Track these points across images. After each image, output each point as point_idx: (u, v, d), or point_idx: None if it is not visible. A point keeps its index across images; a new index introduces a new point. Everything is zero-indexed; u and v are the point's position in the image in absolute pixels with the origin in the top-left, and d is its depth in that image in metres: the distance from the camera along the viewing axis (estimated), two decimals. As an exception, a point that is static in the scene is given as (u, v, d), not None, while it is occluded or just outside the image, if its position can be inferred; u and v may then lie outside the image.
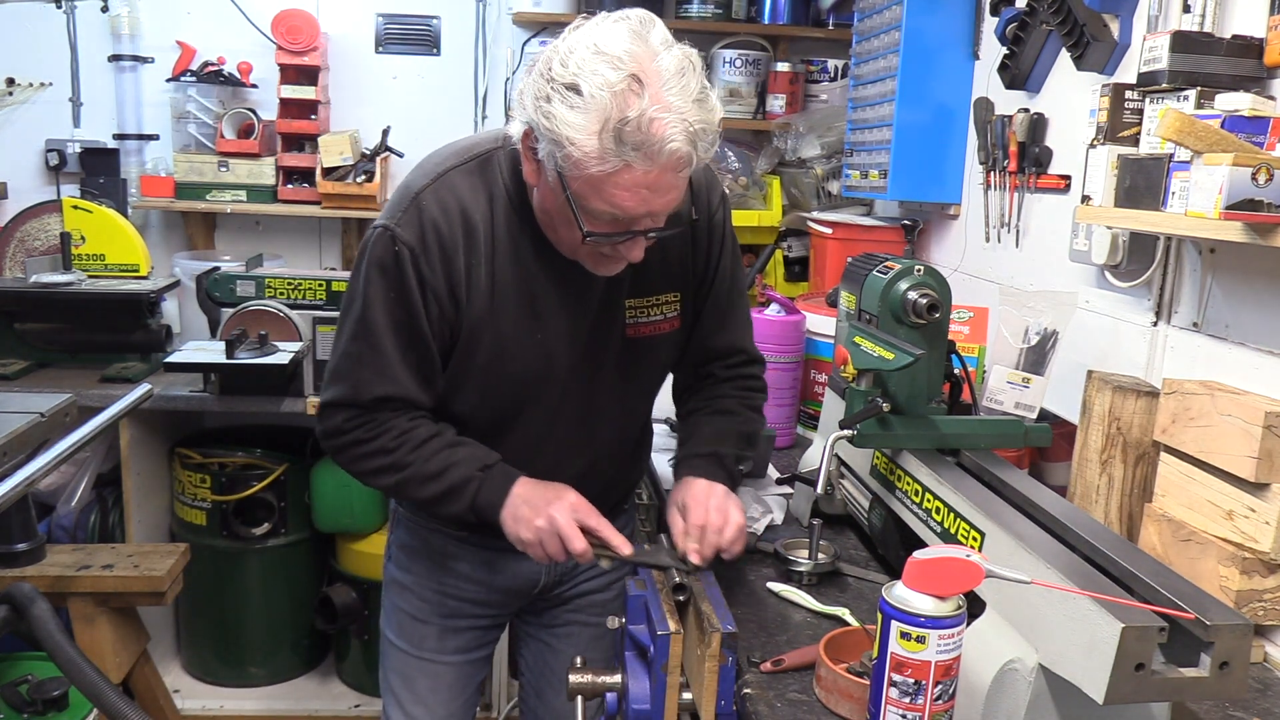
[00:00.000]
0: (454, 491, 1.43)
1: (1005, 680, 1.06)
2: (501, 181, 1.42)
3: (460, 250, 1.39)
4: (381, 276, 1.39)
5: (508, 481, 1.43)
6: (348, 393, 1.44)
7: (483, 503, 1.43)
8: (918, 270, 1.54)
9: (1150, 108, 1.61)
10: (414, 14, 3.37)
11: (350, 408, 1.44)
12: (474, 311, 1.41)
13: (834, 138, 3.01)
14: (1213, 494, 1.40)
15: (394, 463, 1.43)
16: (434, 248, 1.38)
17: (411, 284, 1.39)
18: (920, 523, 1.41)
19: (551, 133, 1.22)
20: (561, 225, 1.34)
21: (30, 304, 2.83)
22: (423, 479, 1.43)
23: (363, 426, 1.44)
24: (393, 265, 1.39)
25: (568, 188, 1.26)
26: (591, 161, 1.21)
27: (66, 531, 2.85)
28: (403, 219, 1.39)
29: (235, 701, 3.06)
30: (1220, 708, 1.23)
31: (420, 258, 1.38)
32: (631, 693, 1.28)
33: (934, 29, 2.41)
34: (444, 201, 1.39)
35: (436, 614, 1.68)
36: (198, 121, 3.26)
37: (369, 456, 1.45)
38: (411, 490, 1.45)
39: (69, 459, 1.85)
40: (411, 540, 1.68)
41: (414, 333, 1.41)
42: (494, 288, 1.42)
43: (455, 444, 1.45)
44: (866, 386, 1.53)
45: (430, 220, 1.38)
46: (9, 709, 2.07)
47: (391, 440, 1.43)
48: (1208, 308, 1.59)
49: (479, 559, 1.64)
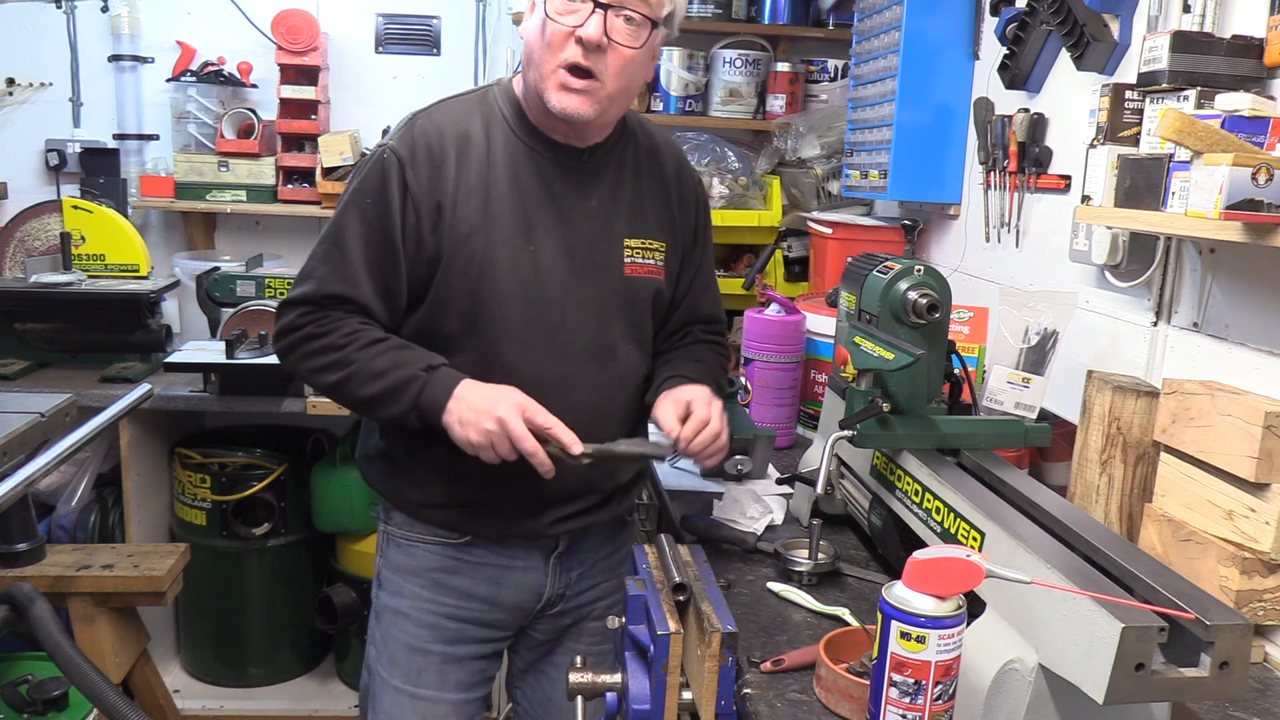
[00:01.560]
0: (396, 390, 1.41)
1: (1005, 680, 1.06)
2: (498, 108, 1.53)
3: (451, 161, 1.46)
4: (365, 184, 1.46)
5: (452, 382, 1.41)
6: (306, 290, 1.46)
7: (426, 402, 1.41)
8: (918, 270, 1.54)
9: (1150, 108, 1.61)
10: (414, 14, 3.37)
11: (306, 304, 1.46)
12: (464, 220, 1.45)
13: (834, 138, 3.01)
14: (1213, 494, 1.40)
15: (339, 359, 1.43)
16: (423, 158, 1.45)
17: (393, 191, 1.44)
18: (920, 523, 1.41)
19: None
20: (532, 38, 1.43)
21: (30, 304, 2.83)
22: (365, 377, 1.42)
23: (315, 322, 1.45)
24: (378, 174, 1.46)
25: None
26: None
27: (66, 531, 2.85)
28: (397, 136, 1.48)
29: (235, 701, 3.06)
30: (1220, 708, 1.23)
31: (407, 166, 1.44)
32: (631, 693, 1.28)
33: (934, 29, 2.41)
34: (438, 121, 1.49)
35: (438, 640, 1.60)
36: (198, 121, 3.26)
37: (316, 353, 1.45)
38: (353, 388, 1.43)
39: (69, 459, 1.85)
40: (406, 559, 1.61)
41: (384, 241, 1.44)
42: (487, 198, 1.47)
43: (403, 346, 1.46)
44: (866, 386, 1.53)
45: (422, 133, 1.47)
46: (9, 709, 2.07)
47: (340, 338, 1.44)
48: (1208, 308, 1.59)
49: (481, 574, 1.59)
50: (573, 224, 1.52)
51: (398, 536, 1.62)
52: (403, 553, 1.61)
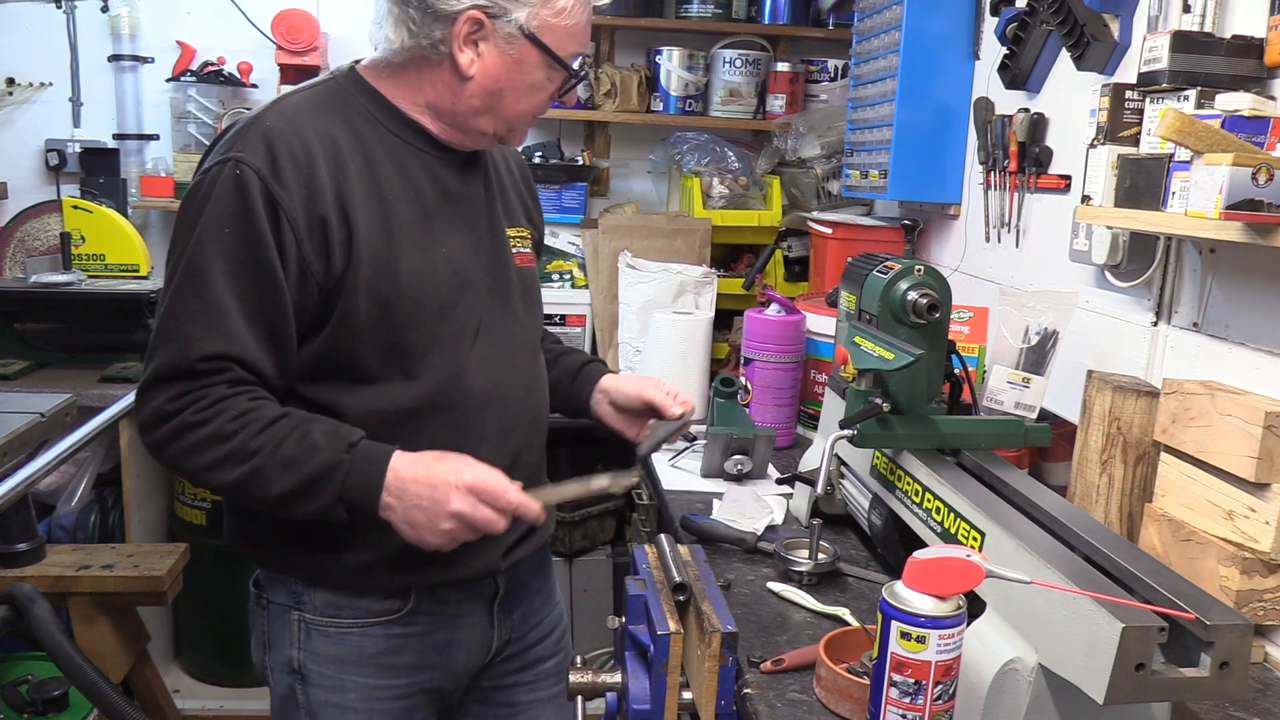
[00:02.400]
0: (314, 482, 1.19)
1: (1005, 680, 1.06)
2: (359, 104, 1.34)
3: (322, 167, 1.25)
4: (218, 212, 1.20)
5: (379, 464, 1.21)
6: (170, 359, 1.19)
7: (353, 494, 1.21)
8: (918, 270, 1.54)
9: (1150, 108, 1.61)
10: (414, 14, 3.37)
11: (174, 381, 1.19)
12: (361, 233, 1.26)
13: (834, 138, 3.01)
14: (1213, 494, 1.40)
15: (234, 451, 1.18)
16: (287, 168, 1.22)
17: (258, 213, 1.20)
18: (920, 523, 1.41)
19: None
20: (519, 97, 1.34)
21: (30, 304, 2.83)
22: (273, 470, 1.18)
23: (191, 407, 1.18)
24: (233, 195, 1.20)
25: (547, 47, 1.31)
26: (575, 9, 1.32)
27: (66, 531, 2.85)
28: (244, 145, 1.23)
29: (235, 701, 3.06)
30: (1220, 708, 1.23)
31: (270, 180, 1.21)
32: (631, 693, 1.27)
33: (934, 29, 2.41)
34: (292, 121, 1.26)
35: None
36: (198, 121, 3.26)
37: (202, 447, 1.18)
38: (259, 486, 1.19)
39: (69, 459, 1.86)
40: (339, 649, 1.36)
41: (260, 275, 1.20)
42: (381, 202, 1.29)
43: (308, 421, 1.23)
44: (866, 386, 1.53)
45: (281, 139, 1.23)
46: (9, 709, 2.07)
47: (229, 423, 1.18)
48: (1208, 308, 1.59)
49: (428, 644, 1.41)
50: (470, 219, 1.40)
51: (321, 625, 1.36)
52: (332, 642, 1.36)
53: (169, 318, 1.21)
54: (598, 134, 3.40)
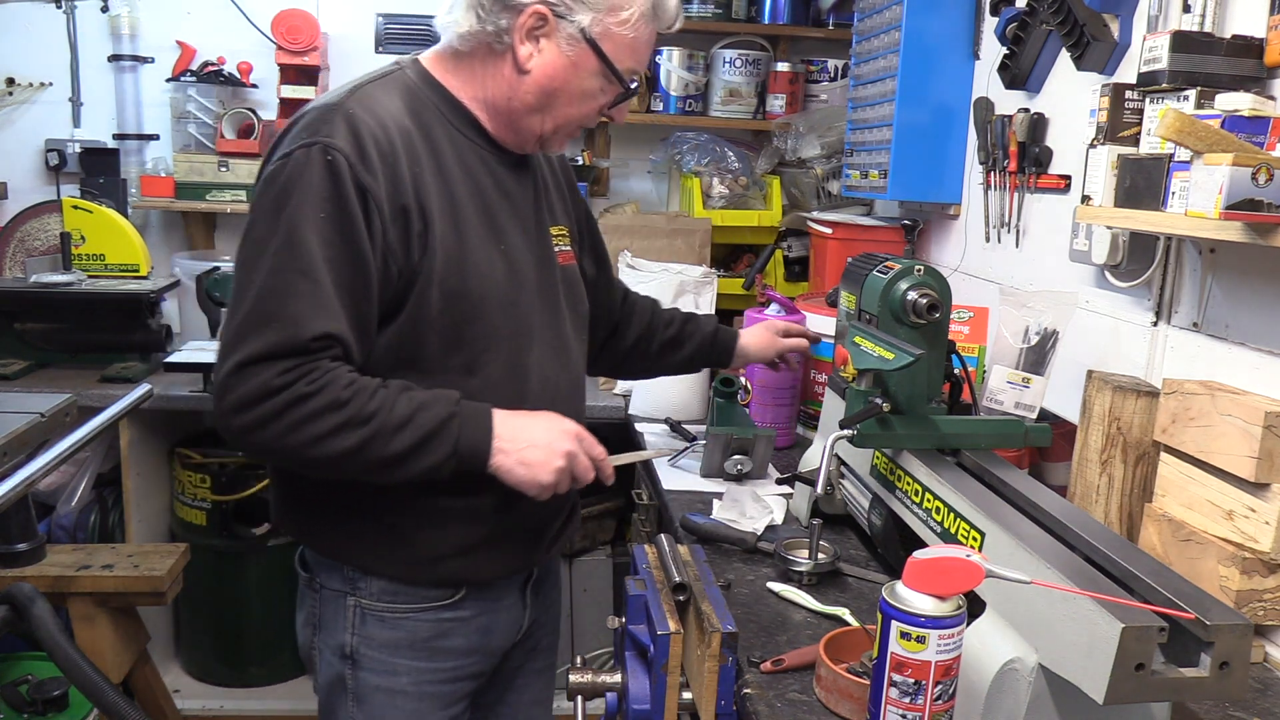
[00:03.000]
0: (430, 438, 1.23)
1: (1005, 680, 1.06)
2: (426, 98, 1.37)
3: (403, 158, 1.28)
4: (312, 196, 1.21)
5: (485, 417, 1.28)
6: (279, 337, 1.18)
7: (466, 445, 1.26)
8: (918, 270, 1.54)
9: (1150, 108, 1.61)
10: (414, 14, 3.37)
11: (283, 359, 1.19)
12: (436, 227, 1.29)
13: (834, 138, 3.01)
14: (1213, 494, 1.40)
15: (352, 417, 1.20)
16: (373, 155, 1.24)
17: (351, 198, 1.22)
18: (920, 523, 1.41)
19: (598, 3, 1.32)
20: (570, 100, 1.37)
21: (30, 304, 2.83)
22: (391, 430, 1.21)
23: (303, 379, 1.19)
24: (325, 178, 1.21)
25: (605, 54, 1.34)
26: (639, 23, 1.35)
27: (66, 531, 2.85)
28: (330, 130, 1.24)
29: (235, 701, 3.06)
30: (1220, 708, 1.23)
31: (359, 167, 1.23)
32: (631, 693, 1.28)
33: (934, 29, 2.41)
34: (371, 109, 1.28)
35: (437, 709, 1.45)
36: (198, 121, 3.26)
37: (317, 417, 1.19)
38: (378, 447, 1.22)
39: (69, 459, 1.85)
40: (394, 633, 1.41)
41: (354, 261, 1.23)
42: (450, 198, 1.32)
43: (408, 387, 1.27)
44: (866, 386, 1.53)
45: (365, 126, 1.25)
46: (9, 709, 2.07)
47: (343, 391, 1.20)
48: (1208, 308, 1.59)
49: (473, 628, 1.45)
50: (522, 217, 1.43)
51: (377, 610, 1.40)
52: (387, 627, 1.40)
53: (271, 297, 1.20)
54: (598, 134, 3.40)
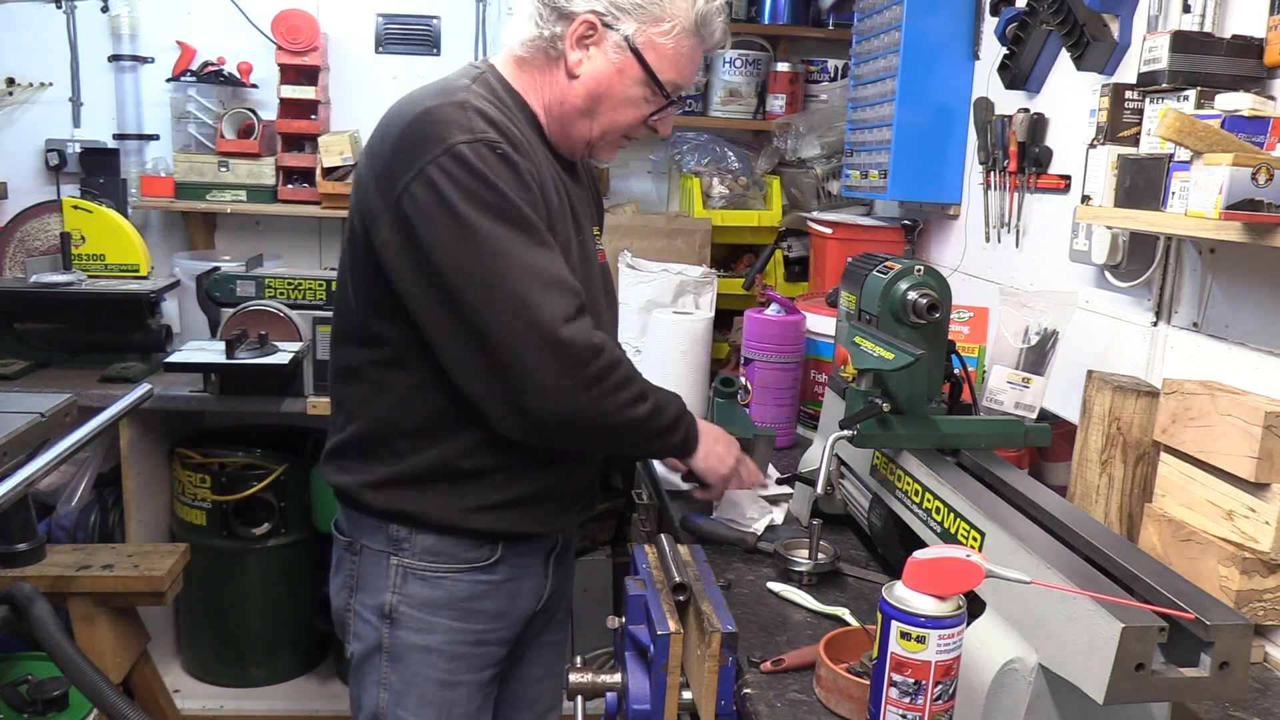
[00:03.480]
0: (679, 421, 1.48)
1: (1005, 680, 1.06)
2: (506, 97, 1.46)
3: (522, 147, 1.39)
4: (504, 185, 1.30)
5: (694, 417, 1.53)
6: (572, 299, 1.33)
7: (689, 431, 1.51)
8: (918, 270, 1.54)
9: (1150, 108, 1.61)
10: (414, 14, 3.37)
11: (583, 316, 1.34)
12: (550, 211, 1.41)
13: (834, 138, 3.01)
14: (1213, 494, 1.40)
15: (642, 390, 1.41)
16: (520, 141, 1.38)
17: (530, 184, 1.35)
18: (920, 523, 1.41)
19: (645, 13, 1.39)
20: (614, 107, 1.44)
21: (30, 304, 2.83)
22: (660, 406, 1.44)
23: (610, 343, 1.39)
24: (508, 171, 1.32)
25: (649, 64, 1.41)
26: (683, 37, 1.42)
27: (66, 531, 2.85)
28: (475, 126, 1.32)
29: (235, 701, 3.06)
30: (1220, 708, 1.23)
31: (515, 155, 1.34)
32: (631, 693, 1.28)
33: (934, 29, 2.41)
34: (481, 107, 1.37)
35: (468, 670, 1.51)
36: (198, 121, 3.26)
37: (626, 384, 1.38)
38: (656, 419, 1.43)
39: (69, 459, 1.85)
40: (433, 592, 1.47)
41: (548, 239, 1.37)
42: (544, 193, 1.41)
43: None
44: (866, 386, 1.53)
45: (498, 118, 1.37)
46: (9, 709, 2.07)
47: (630, 366, 1.41)
48: (1208, 308, 1.59)
49: (505, 591, 1.52)
50: (576, 218, 1.53)
51: (419, 569, 1.47)
52: (427, 585, 1.47)
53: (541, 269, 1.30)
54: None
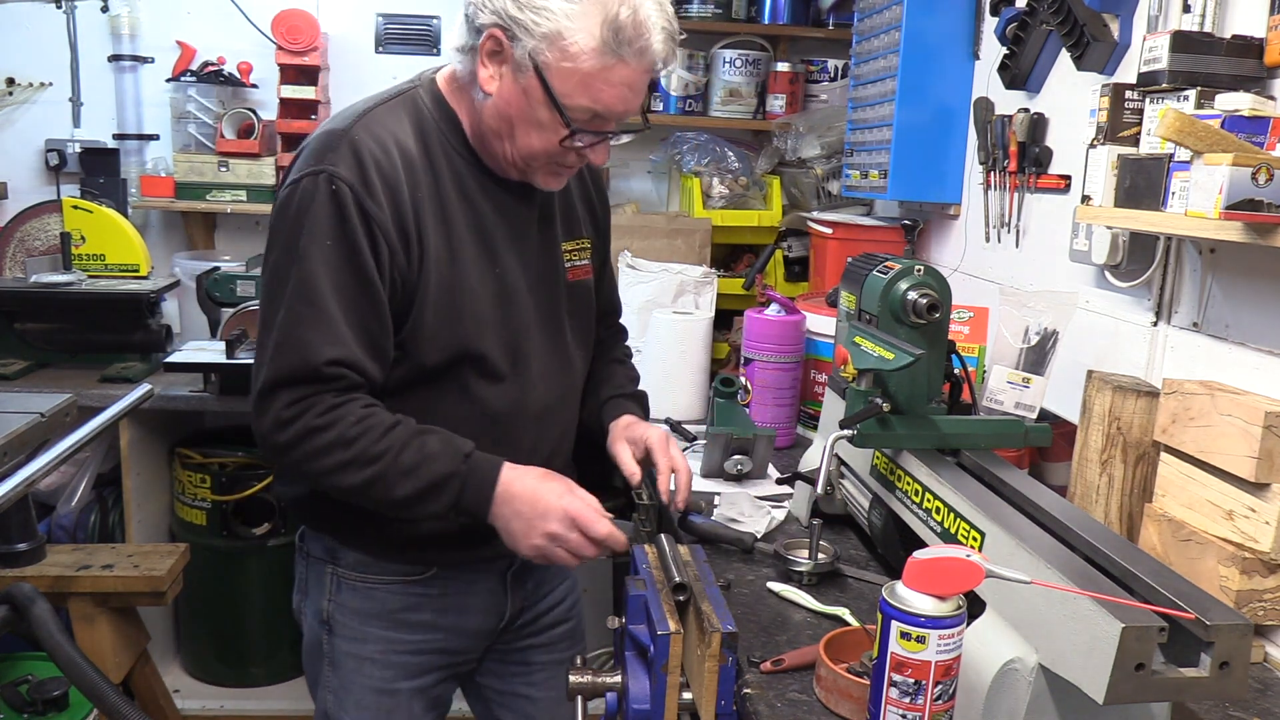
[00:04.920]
0: (433, 489, 1.29)
1: (1005, 680, 1.06)
2: (431, 119, 1.38)
3: (404, 184, 1.30)
4: (318, 225, 1.25)
5: (490, 477, 1.31)
6: (289, 364, 1.25)
7: (468, 503, 1.31)
8: (918, 270, 1.54)
9: (1150, 108, 1.61)
10: (414, 14, 3.37)
11: (293, 386, 1.25)
12: (430, 248, 1.31)
13: (834, 138, 3.01)
14: (1213, 494, 1.40)
15: (358, 456, 1.26)
16: (377, 183, 1.28)
17: (356, 227, 1.25)
18: (920, 523, 1.41)
19: (542, 26, 1.24)
20: (528, 131, 1.31)
21: (30, 304, 2.83)
22: (395, 476, 1.27)
23: (311, 412, 1.25)
24: (331, 210, 1.25)
25: (551, 86, 1.26)
26: (587, 56, 1.24)
27: (66, 531, 2.85)
28: (335, 158, 1.27)
29: (235, 701, 3.06)
30: (1220, 708, 1.23)
31: (363, 195, 1.26)
32: (631, 693, 1.27)
33: (934, 29, 2.41)
34: (377, 136, 1.31)
35: (404, 678, 1.51)
36: (198, 121, 3.26)
37: (326, 451, 1.26)
38: (381, 491, 1.28)
39: (69, 459, 1.85)
40: (364, 603, 1.47)
41: (361, 285, 1.27)
42: (446, 221, 1.34)
43: (424, 432, 1.31)
44: (866, 386, 1.52)
45: (369, 154, 1.28)
46: (9, 709, 2.07)
47: (350, 429, 1.25)
48: (1208, 308, 1.59)
49: (443, 604, 1.51)
50: (525, 238, 1.44)
51: (351, 579, 1.48)
52: (359, 596, 1.48)
53: (281, 326, 1.26)
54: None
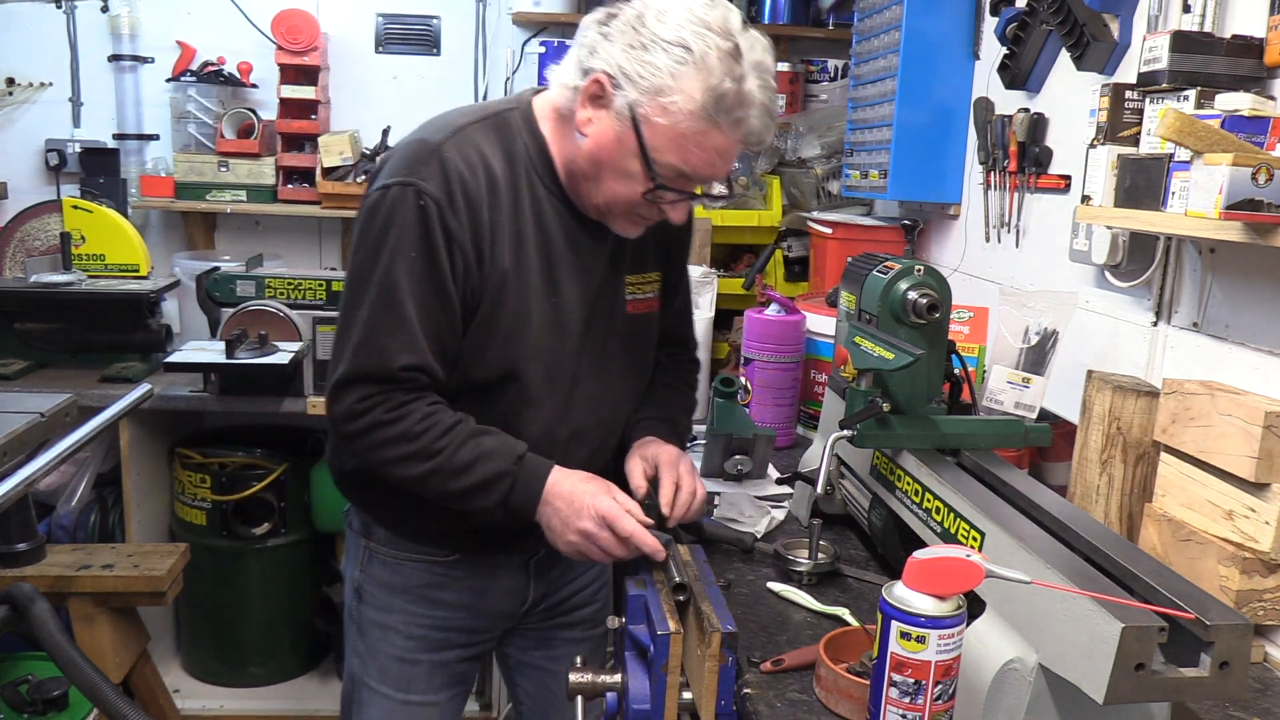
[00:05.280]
0: (484, 486, 1.36)
1: (1005, 680, 1.06)
2: (521, 141, 1.41)
3: (485, 205, 1.36)
4: (405, 235, 1.33)
5: (539, 479, 1.38)
6: (367, 365, 1.34)
7: (516, 502, 1.37)
8: (918, 270, 1.54)
9: (1150, 108, 1.61)
10: (414, 14, 3.37)
11: (366, 383, 1.35)
12: (498, 268, 1.37)
13: (834, 138, 3.01)
14: (1213, 494, 1.40)
15: (420, 450, 1.35)
16: (460, 201, 1.34)
17: (438, 241, 1.33)
18: (920, 523, 1.41)
19: (647, 81, 1.27)
20: (611, 177, 1.35)
21: (30, 304, 2.83)
22: (452, 471, 1.35)
23: (381, 407, 1.35)
24: (417, 223, 1.33)
25: (644, 139, 1.29)
26: (684, 117, 1.27)
27: (66, 531, 2.85)
28: (425, 173, 1.34)
29: (235, 701, 3.06)
30: (1220, 708, 1.23)
31: (447, 211, 1.33)
32: (631, 693, 1.27)
33: (934, 29, 2.41)
34: (466, 155, 1.36)
35: (425, 650, 1.58)
36: (198, 121, 3.27)
37: (391, 443, 1.35)
38: (438, 483, 1.37)
39: (69, 459, 1.85)
40: (392, 576, 1.56)
41: (438, 296, 1.35)
42: (518, 245, 1.39)
43: (481, 432, 1.38)
44: (866, 386, 1.53)
45: (456, 172, 1.34)
46: (9, 709, 2.07)
47: (415, 425, 1.35)
48: (1208, 308, 1.59)
49: (466, 586, 1.57)
50: (589, 273, 1.46)
51: (381, 554, 1.57)
52: (388, 570, 1.57)
53: (364, 328, 1.35)
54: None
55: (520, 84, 3.38)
